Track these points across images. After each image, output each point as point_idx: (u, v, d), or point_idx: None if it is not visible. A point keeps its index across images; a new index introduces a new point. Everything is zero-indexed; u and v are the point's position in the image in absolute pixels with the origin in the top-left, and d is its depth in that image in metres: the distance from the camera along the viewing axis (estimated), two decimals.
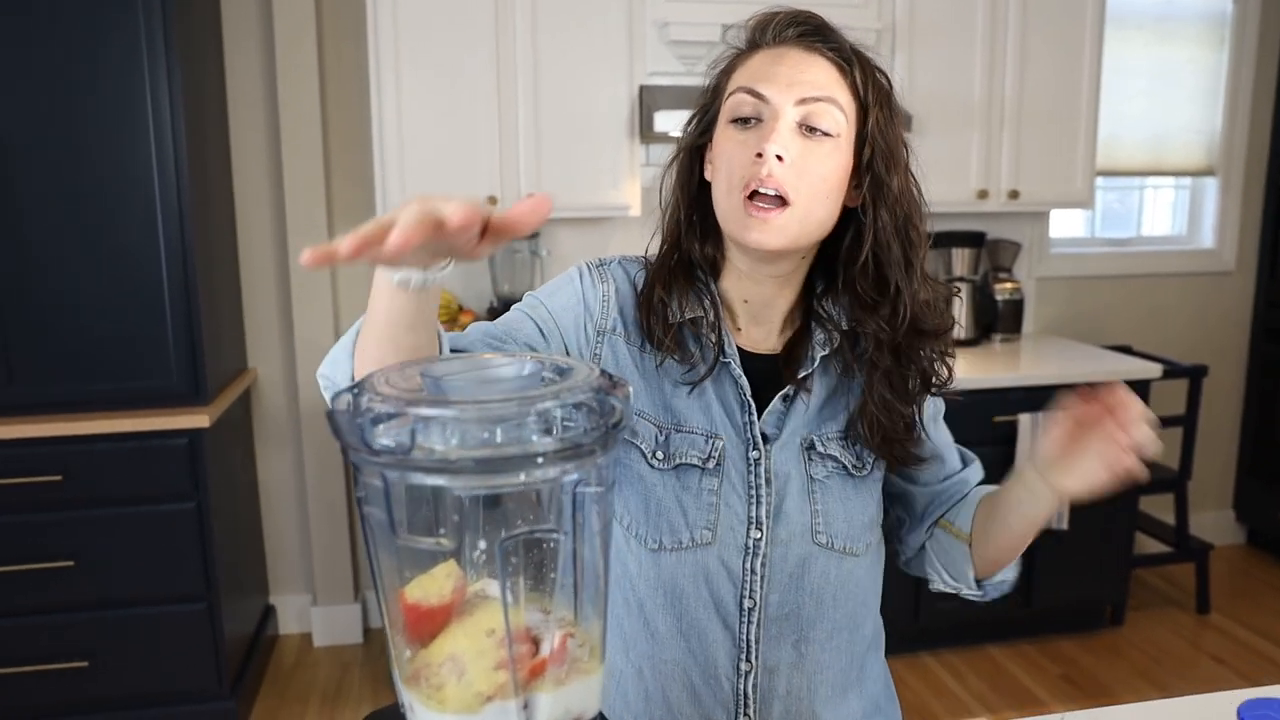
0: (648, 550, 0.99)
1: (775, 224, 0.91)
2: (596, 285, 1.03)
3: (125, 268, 2.43)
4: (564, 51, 2.75)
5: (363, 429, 0.52)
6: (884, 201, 0.95)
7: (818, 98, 0.92)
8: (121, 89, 2.36)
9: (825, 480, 1.01)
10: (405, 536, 0.56)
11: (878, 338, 0.98)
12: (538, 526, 0.56)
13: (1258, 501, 3.79)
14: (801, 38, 0.95)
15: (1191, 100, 3.62)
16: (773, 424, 1.01)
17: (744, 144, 0.93)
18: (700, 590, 0.99)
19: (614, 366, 1.01)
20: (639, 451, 1.00)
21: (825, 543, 1.01)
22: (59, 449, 2.41)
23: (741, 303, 1.03)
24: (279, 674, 3.00)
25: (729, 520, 0.99)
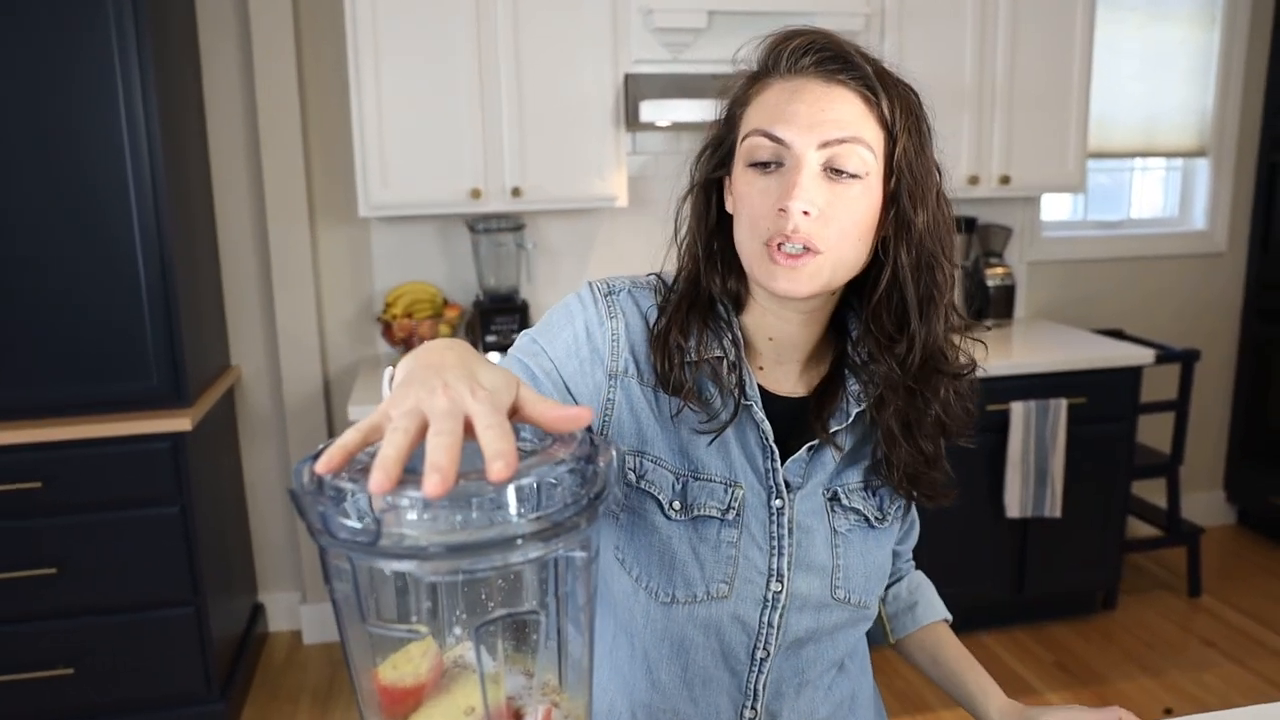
0: (658, 603, 0.94)
1: (805, 272, 0.86)
2: (604, 322, 0.95)
3: (102, 269, 2.38)
4: (547, 40, 2.69)
5: (325, 516, 0.49)
6: (907, 240, 0.88)
7: (842, 139, 0.84)
8: (93, 86, 2.29)
9: (847, 533, 0.98)
10: (376, 623, 0.53)
11: (888, 379, 0.92)
12: (516, 609, 0.53)
13: (1248, 483, 3.79)
14: (820, 66, 0.86)
15: (1184, 81, 3.58)
16: (796, 472, 0.95)
17: (765, 191, 0.86)
18: (710, 641, 0.96)
19: (628, 412, 0.94)
20: (655, 501, 0.93)
21: (843, 598, 0.97)
22: (38, 455, 2.37)
23: (766, 340, 0.96)
24: (269, 673, 2.98)
25: (747, 573, 0.94)
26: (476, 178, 2.71)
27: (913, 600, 1.14)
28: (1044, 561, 3.03)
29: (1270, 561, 3.59)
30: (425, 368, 0.59)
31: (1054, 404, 2.87)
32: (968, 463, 2.91)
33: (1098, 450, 2.99)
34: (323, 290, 3.04)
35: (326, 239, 3.01)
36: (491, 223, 2.93)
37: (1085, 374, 2.93)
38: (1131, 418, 3.03)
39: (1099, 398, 2.95)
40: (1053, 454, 2.89)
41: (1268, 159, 3.61)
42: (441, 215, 3.00)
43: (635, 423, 0.95)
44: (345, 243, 3.02)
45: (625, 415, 0.95)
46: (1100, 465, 3.01)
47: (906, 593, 1.15)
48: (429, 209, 2.74)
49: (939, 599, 1.16)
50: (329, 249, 3.02)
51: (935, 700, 2.70)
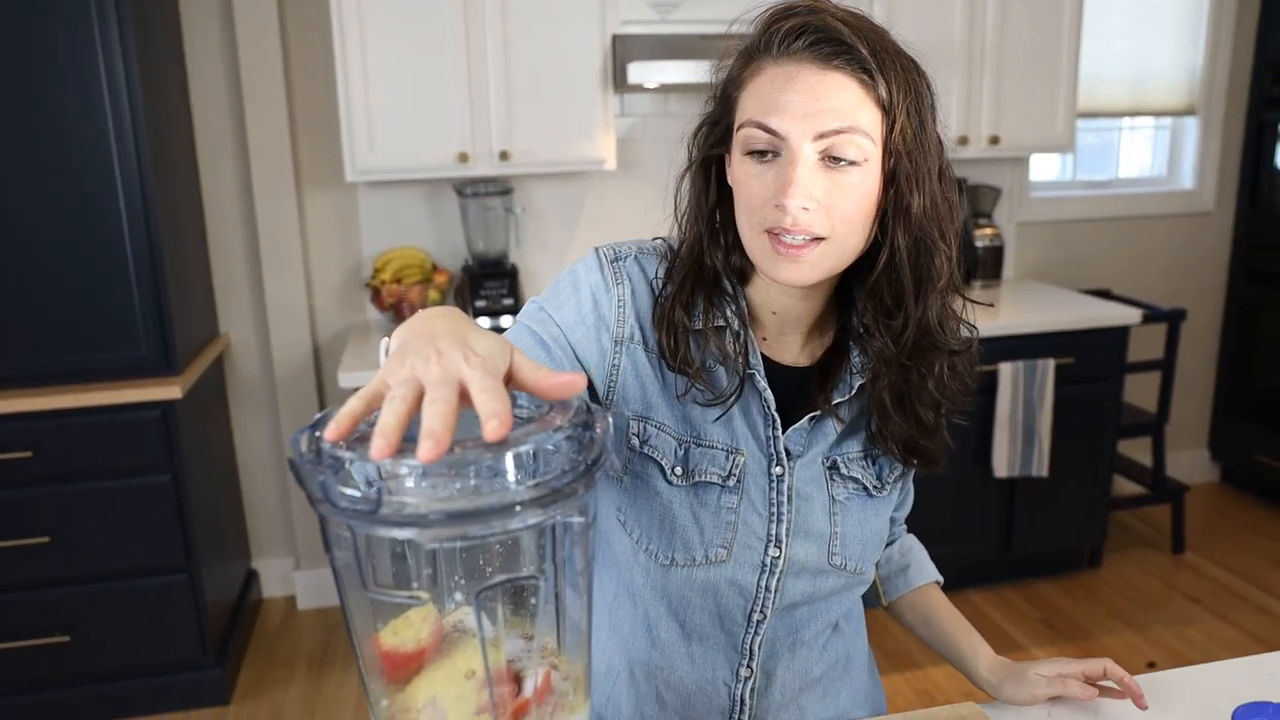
0: (658, 564, 0.96)
1: (808, 261, 0.85)
2: (611, 288, 0.95)
3: (88, 239, 2.35)
4: (534, 2, 2.66)
5: (325, 485, 0.49)
6: (904, 222, 0.87)
7: (838, 129, 0.82)
8: (75, 56, 2.26)
9: (846, 501, 0.99)
10: (377, 589, 0.54)
11: (882, 354, 0.92)
12: (516, 574, 0.53)
13: (1232, 440, 3.83)
14: (813, 49, 0.83)
15: (1172, 39, 3.57)
16: (797, 440, 0.96)
17: (762, 180, 0.85)
18: (708, 603, 0.97)
19: (633, 378, 0.95)
20: (657, 466, 0.94)
21: (839, 564, 0.99)
22: (29, 424, 2.36)
23: (770, 313, 0.96)
24: (264, 639, 3.00)
25: (746, 539, 0.95)
26: (464, 141, 2.69)
27: (905, 563, 1.16)
28: (1031, 521, 3.07)
29: (1253, 518, 3.65)
30: (419, 336, 0.60)
31: (1042, 364, 2.89)
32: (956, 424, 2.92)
33: (1085, 410, 3.02)
34: (311, 257, 3.02)
35: (313, 205, 2.99)
36: (479, 187, 2.91)
37: (1073, 334, 2.94)
38: (1118, 377, 3.05)
39: (1086, 358, 2.97)
40: (1040, 414, 2.91)
41: (1256, 117, 3.61)
42: (429, 180, 2.97)
43: (640, 389, 0.95)
44: (332, 209, 3.00)
45: (630, 381, 0.95)
46: (1087, 425, 3.04)
47: (899, 556, 1.16)
48: (416, 173, 2.72)
49: (930, 561, 1.18)
50: (316, 215, 3.00)
51: (924, 659, 2.74)
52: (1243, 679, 1.10)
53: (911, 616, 1.15)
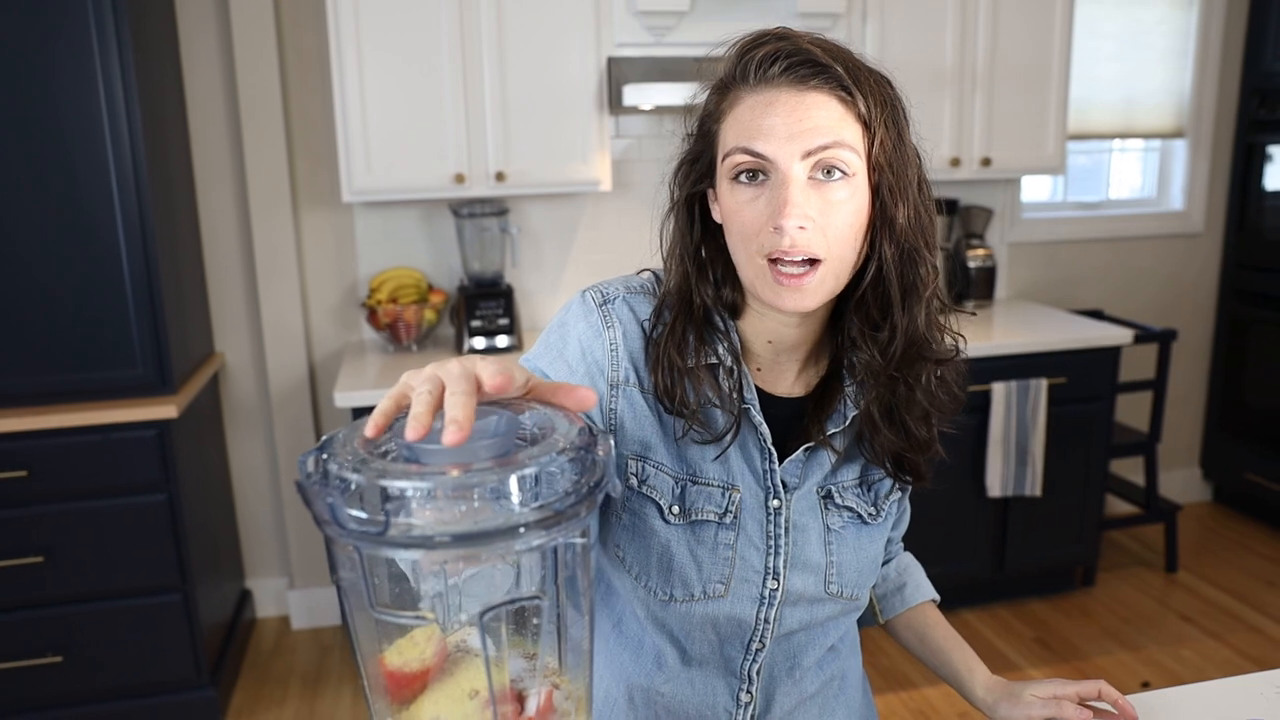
0: (657, 600, 0.96)
1: (809, 286, 0.85)
2: (601, 334, 0.95)
3: (85, 257, 2.36)
4: (530, 23, 2.69)
5: (334, 507, 0.50)
6: (890, 234, 0.88)
7: (824, 145, 0.83)
8: (74, 74, 2.27)
9: (841, 530, 0.99)
10: (382, 610, 0.54)
11: (870, 366, 0.93)
12: (520, 596, 0.54)
13: (1224, 459, 3.85)
14: (789, 73, 0.84)
15: (1162, 62, 3.61)
16: (793, 472, 0.97)
17: (754, 206, 0.86)
18: (707, 635, 0.98)
19: (630, 419, 0.95)
20: (654, 506, 0.95)
21: (836, 592, 0.99)
22: (24, 444, 2.36)
23: (765, 343, 0.96)
24: (258, 659, 2.99)
25: (743, 573, 0.96)
26: (460, 162, 2.71)
27: (901, 582, 1.16)
28: (1024, 539, 3.08)
29: (1245, 537, 3.66)
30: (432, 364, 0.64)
31: (1034, 384, 2.91)
32: (950, 443, 2.92)
33: (1077, 429, 3.04)
34: (307, 276, 3.03)
35: (310, 225, 3.00)
36: (475, 207, 2.92)
37: (1065, 354, 2.96)
38: (1110, 397, 3.07)
39: (1079, 377, 2.99)
40: (1033, 433, 2.93)
41: (1244, 140, 3.65)
42: (425, 200, 2.99)
43: (638, 429, 0.95)
44: (329, 229, 3.02)
45: (628, 422, 0.95)
46: (1080, 444, 3.06)
47: (895, 574, 1.17)
48: (412, 194, 2.74)
49: (927, 580, 1.19)
50: (313, 235, 3.01)
51: (920, 678, 2.74)
52: (1237, 698, 1.11)
53: (907, 635, 1.15)
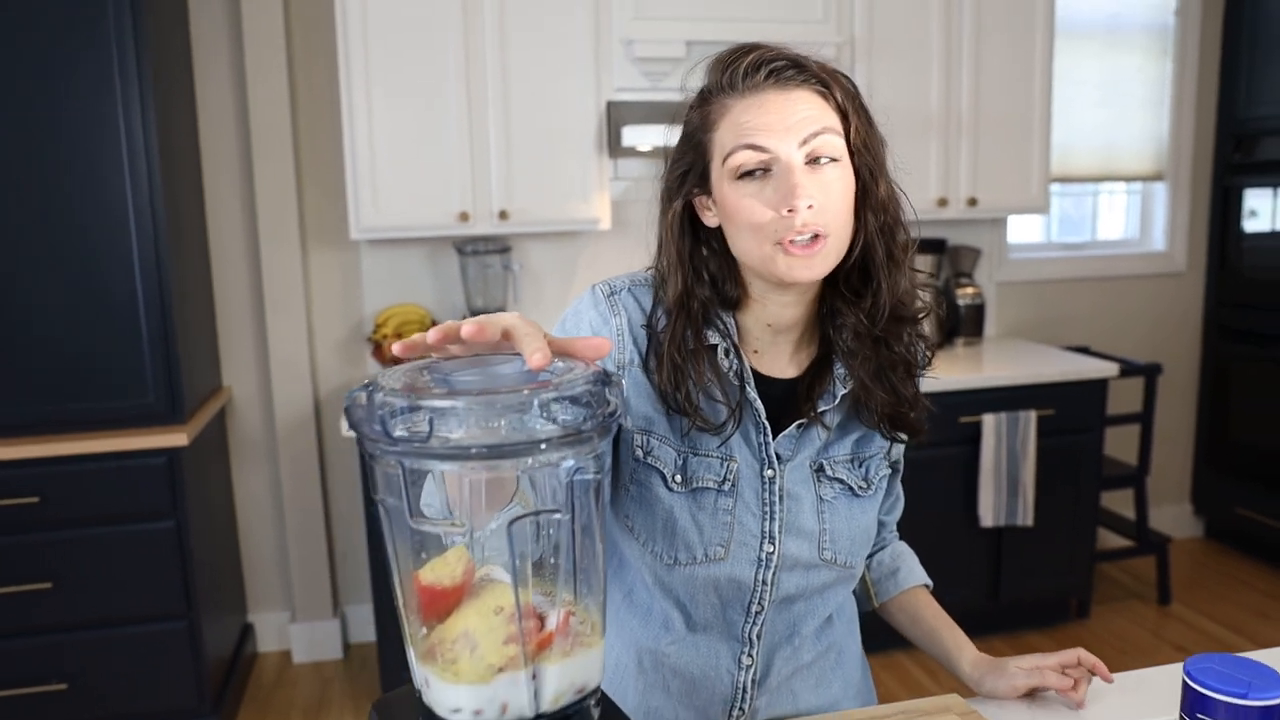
0: (663, 564, 1.03)
1: (818, 258, 0.94)
2: (609, 320, 1.04)
3: (100, 288, 2.44)
4: (532, 69, 2.81)
5: (384, 420, 0.57)
6: (871, 206, 0.98)
7: (816, 132, 0.94)
8: (93, 111, 2.37)
9: (833, 501, 1.06)
10: (421, 520, 0.61)
11: (856, 330, 1.01)
12: (543, 509, 0.61)
13: (1214, 494, 3.91)
14: (774, 76, 0.95)
15: (1141, 108, 3.75)
16: (786, 446, 1.04)
17: (761, 196, 0.94)
18: (710, 597, 1.05)
19: (635, 397, 1.03)
20: (659, 475, 1.02)
21: (830, 559, 1.06)
22: (36, 470, 2.42)
23: (764, 327, 1.05)
24: (259, 692, 3.01)
25: (742, 537, 1.03)
26: (465, 201, 2.80)
27: (895, 566, 1.23)
28: (1019, 570, 3.12)
29: (1238, 570, 3.70)
30: None
31: (1024, 416, 2.98)
32: (942, 473, 3.00)
33: (1067, 461, 3.10)
34: (313, 312, 3.11)
35: (317, 262, 3.09)
36: (479, 245, 3.02)
37: (1053, 387, 3.04)
38: (1098, 429, 3.14)
39: (1066, 410, 3.07)
40: (1023, 464, 2.99)
41: (1221, 183, 3.78)
42: (430, 238, 3.09)
43: (642, 406, 1.04)
44: (336, 266, 3.10)
45: (634, 400, 1.04)
46: (1070, 475, 3.12)
47: (890, 560, 1.23)
48: (418, 231, 2.83)
49: (920, 566, 1.25)
50: (320, 272, 3.10)
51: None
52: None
53: (901, 617, 1.21)
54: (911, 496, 1.35)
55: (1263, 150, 3.61)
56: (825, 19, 2.97)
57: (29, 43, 2.32)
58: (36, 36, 2.32)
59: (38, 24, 2.31)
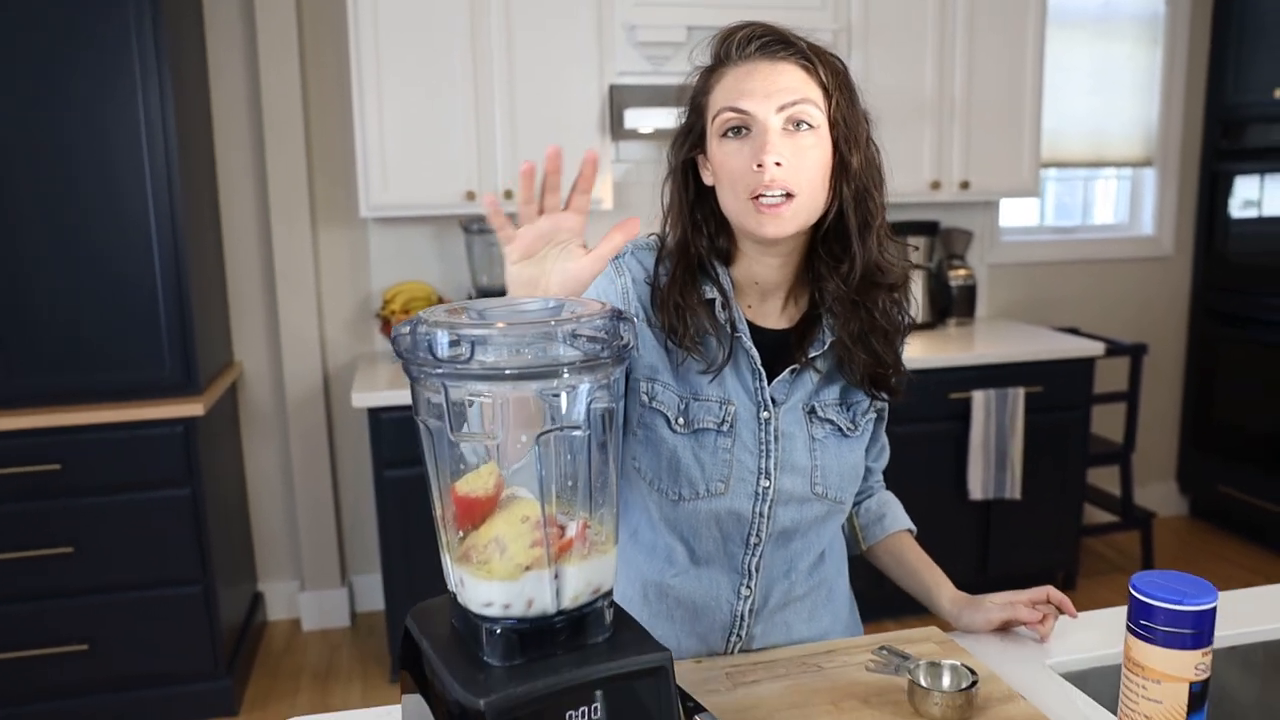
0: (668, 500, 1.13)
1: (785, 215, 1.04)
2: (615, 280, 1.14)
3: (119, 265, 2.53)
4: (537, 54, 2.89)
5: (431, 344, 0.66)
6: (846, 176, 1.07)
7: (794, 101, 1.04)
8: (113, 91, 2.45)
9: (823, 440, 1.16)
10: (460, 435, 0.70)
11: (835, 293, 1.11)
12: (566, 424, 0.70)
13: (1198, 473, 4.01)
14: (764, 49, 1.06)
15: (1131, 95, 3.83)
16: (780, 390, 1.14)
17: (740, 154, 1.05)
18: (713, 530, 1.14)
19: (643, 347, 1.13)
20: (664, 418, 1.12)
21: (821, 493, 1.16)
22: (57, 439, 2.50)
23: (753, 284, 1.14)
24: (269, 657, 3.10)
25: (740, 473, 1.12)
26: (471, 180, 2.89)
27: (881, 513, 1.32)
28: (1007, 543, 3.22)
29: (1221, 547, 3.80)
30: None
31: (1012, 392, 3.07)
32: (933, 448, 3.10)
33: (1054, 437, 3.20)
34: (323, 289, 3.19)
35: (327, 241, 3.17)
36: (484, 223, 3.10)
37: (1041, 364, 3.14)
38: (1085, 407, 3.24)
39: (1054, 387, 3.16)
40: (1012, 439, 3.08)
41: (1209, 168, 3.86)
42: (437, 217, 3.17)
43: (647, 356, 1.14)
44: (345, 244, 3.19)
45: (640, 350, 1.14)
46: (1057, 451, 3.21)
47: (876, 507, 1.33)
48: (426, 210, 2.91)
49: (904, 514, 1.34)
50: (329, 250, 3.18)
51: None
52: None
53: (886, 559, 1.31)
54: (903, 470, 1.45)
55: (1250, 137, 3.69)
56: (822, 6, 3.05)
57: (52, 31, 2.39)
58: (59, 26, 2.39)
59: (60, 13, 2.39)
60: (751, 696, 1.03)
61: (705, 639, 1.16)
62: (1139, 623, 0.83)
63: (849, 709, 1.00)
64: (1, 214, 2.44)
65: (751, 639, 1.17)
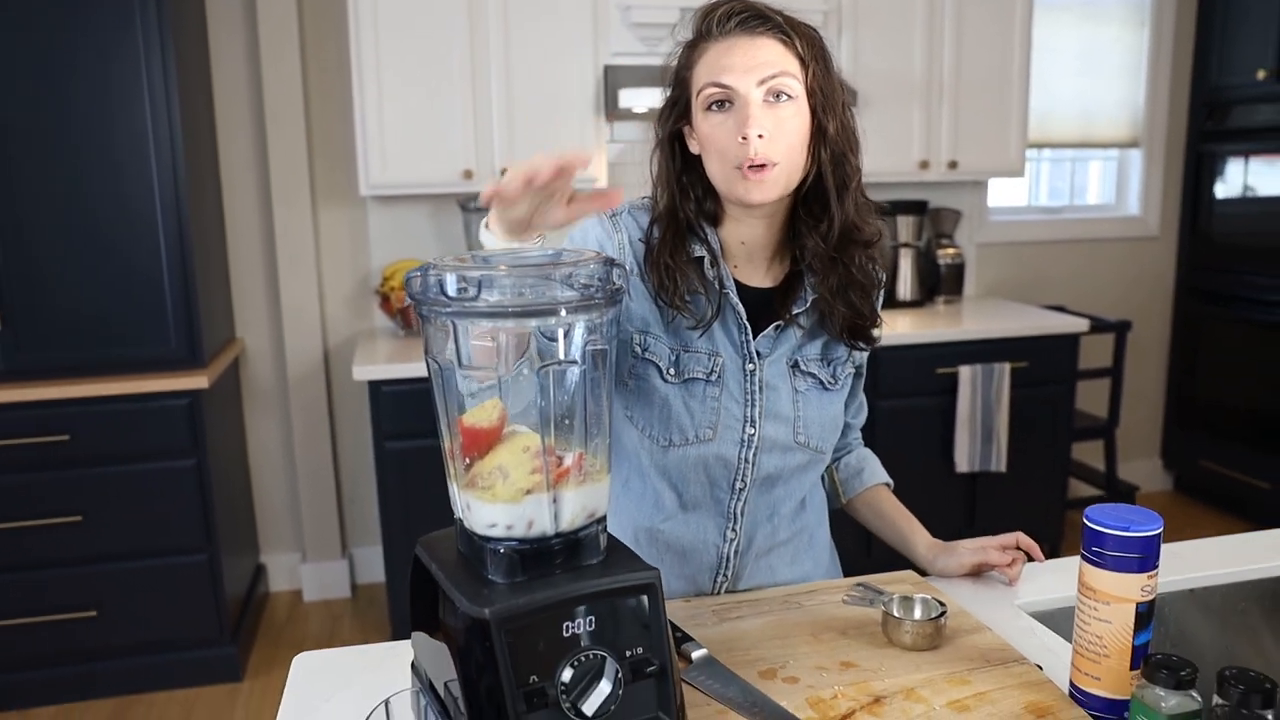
0: (659, 446, 1.20)
1: (768, 181, 1.10)
2: (612, 235, 1.21)
3: (125, 241, 2.58)
4: (534, 35, 2.94)
5: (442, 284, 0.73)
6: (823, 141, 1.13)
7: (773, 74, 1.09)
8: (117, 70, 2.51)
9: (806, 392, 1.23)
10: (468, 369, 0.76)
11: (815, 251, 1.17)
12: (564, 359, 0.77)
13: (1182, 449, 4.09)
14: (743, 25, 1.11)
15: (1118, 76, 3.90)
16: (766, 345, 1.21)
17: (724, 126, 1.11)
18: (700, 475, 1.21)
19: (635, 302, 1.19)
20: (655, 368, 1.19)
21: (803, 442, 1.23)
22: (66, 410, 2.57)
23: (739, 244, 1.21)
24: (272, 627, 3.18)
25: (727, 421, 1.19)
26: (468, 159, 2.95)
27: (860, 467, 1.39)
28: (993, 515, 3.30)
29: (1203, 520, 3.89)
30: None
31: (998, 368, 3.15)
32: (920, 421, 3.17)
33: (1039, 411, 3.27)
34: (323, 266, 3.25)
35: (327, 219, 3.23)
36: None
37: (1026, 340, 3.21)
38: (1070, 382, 3.31)
39: (1039, 363, 3.23)
40: (998, 413, 3.16)
41: (1195, 150, 3.93)
42: (435, 195, 3.22)
43: (641, 309, 1.21)
44: (344, 223, 3.25)
45: (634, 304, 1.21)
46: (1042, 425, 3.29)
47: (855, 462, 1.40)
48: (424, 188, 2.97)
49: (882, 468, 1.41)
50: (329, 229, 3.24)
51: None
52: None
53: (865, 511, 1.38)
54: (891, 442, 1.52)
55: (1234, 118, 3.76)
56: None
57: (56, 14, 2.44)
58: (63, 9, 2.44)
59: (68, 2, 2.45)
60: (737, 630, 1.10)
61: (694, 580, 1.24)
62: (1091, 549, 0.90)
63: (827, 640, 1.07)
64: (11, 195, 2.50)
65: (737, 580, 1.24)
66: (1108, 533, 0.88)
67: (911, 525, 1.32)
